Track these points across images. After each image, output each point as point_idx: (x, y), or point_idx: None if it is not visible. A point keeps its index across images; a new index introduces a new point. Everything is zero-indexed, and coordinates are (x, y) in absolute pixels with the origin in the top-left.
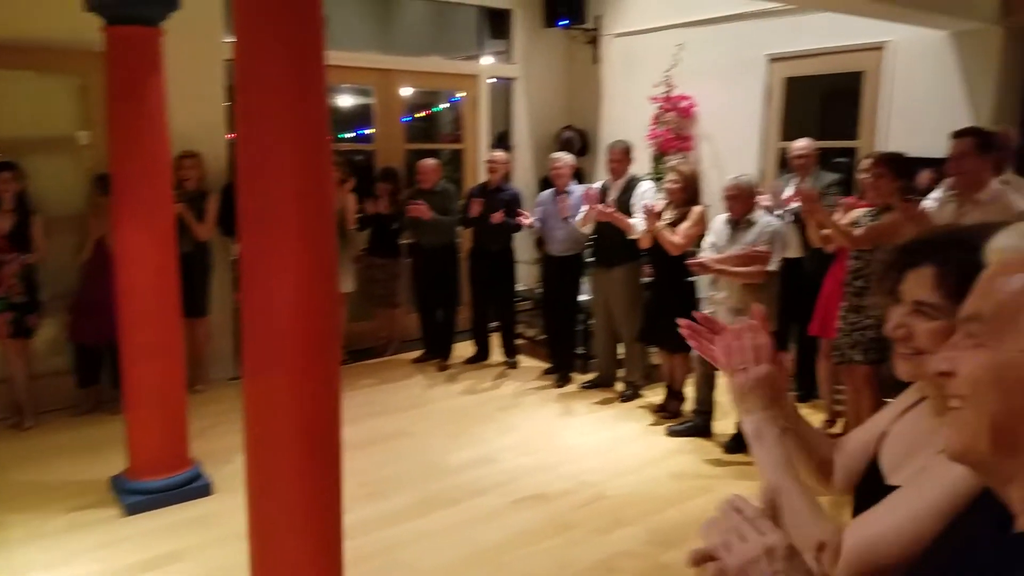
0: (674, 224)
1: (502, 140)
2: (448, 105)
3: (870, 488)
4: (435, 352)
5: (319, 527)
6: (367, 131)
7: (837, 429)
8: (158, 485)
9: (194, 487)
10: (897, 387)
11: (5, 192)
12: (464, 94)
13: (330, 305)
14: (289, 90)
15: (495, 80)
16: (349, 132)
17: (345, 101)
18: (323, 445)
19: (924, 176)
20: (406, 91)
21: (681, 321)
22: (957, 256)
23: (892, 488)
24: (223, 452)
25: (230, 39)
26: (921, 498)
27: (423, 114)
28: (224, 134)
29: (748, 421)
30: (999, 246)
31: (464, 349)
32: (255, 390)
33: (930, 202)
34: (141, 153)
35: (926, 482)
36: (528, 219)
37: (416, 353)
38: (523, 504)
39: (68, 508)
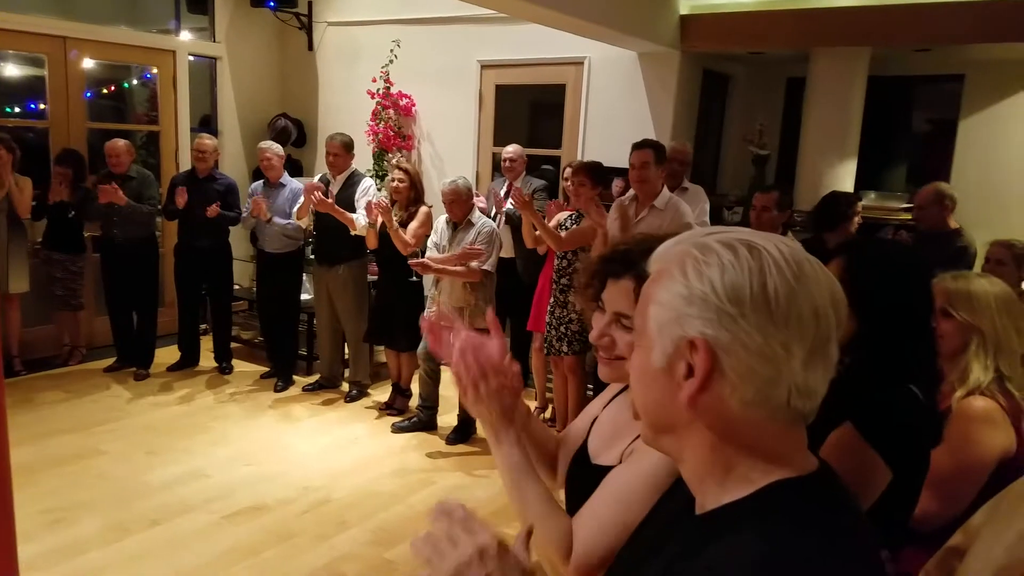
0: (403, 224)
1: (206, 124)
2: (140, 82)
3: (579, 468)
4: (131, 359)
5: None
6: (39, 106)
7: (548, 415)
8: None
9: None
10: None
11: None
12: (157, 71)
13: None
14: None
15: (195, 58)
16: (16, 107)
17: (11, 71)
18: None
19: (618, 184)
20: (88, 63)
21: (422, 321)
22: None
23: (598, 468)
24: None
25: None
26: (628, 484)
27: (109, 90)
28: None
29: (485, 427)
30: (654, 257)
31: (168, 355)
32: None
33: (613, 207)
34: None
35: (630, 467)
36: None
37: (108, 361)
38: (237, 518)
39: None
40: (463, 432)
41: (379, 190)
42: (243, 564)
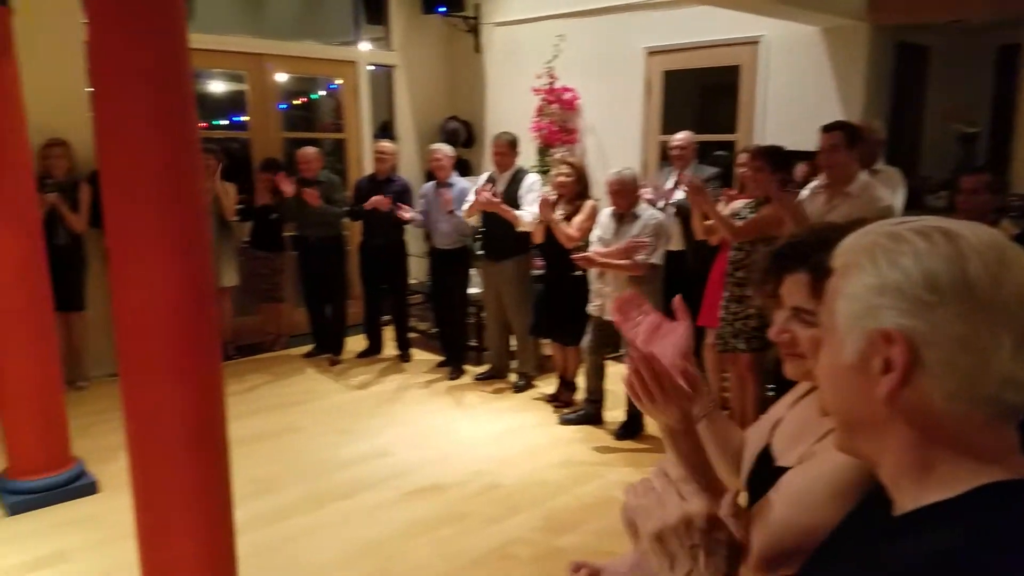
0: (567, 218)
1: (385, 130)
2: (326, 92)
3: (761, 470)
4: (325, 347)
5: (209, 524)
6: (241, 118)
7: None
8: (39, 484)
9: (77, 486)
10: (780, 374)
11: None
12: (342, 81)
13: (205, 298)
14: (147, 74)
15: (374, 67)
16: (222, 119)
17: (216, 87)
18: (208, 441)
19: (800, 169)
20: (281, 77)
21: (615, 298)
22: (825, 261)
23: (781, 470)
24: (107, 450)
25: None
26: (805, 486)
27: (300, 101)
28: (89, 120)
29: (659, 422)
30: (838, 251)
31: (356, 343)
32: (132, 388)
33: (805, 193)
34: None
35: (809, 469)
36: (408, 214)
37: (306, 348)
38: (416, 496)
39: None
40: (631, 428)
41: (543, 185)
42: (422, 539)
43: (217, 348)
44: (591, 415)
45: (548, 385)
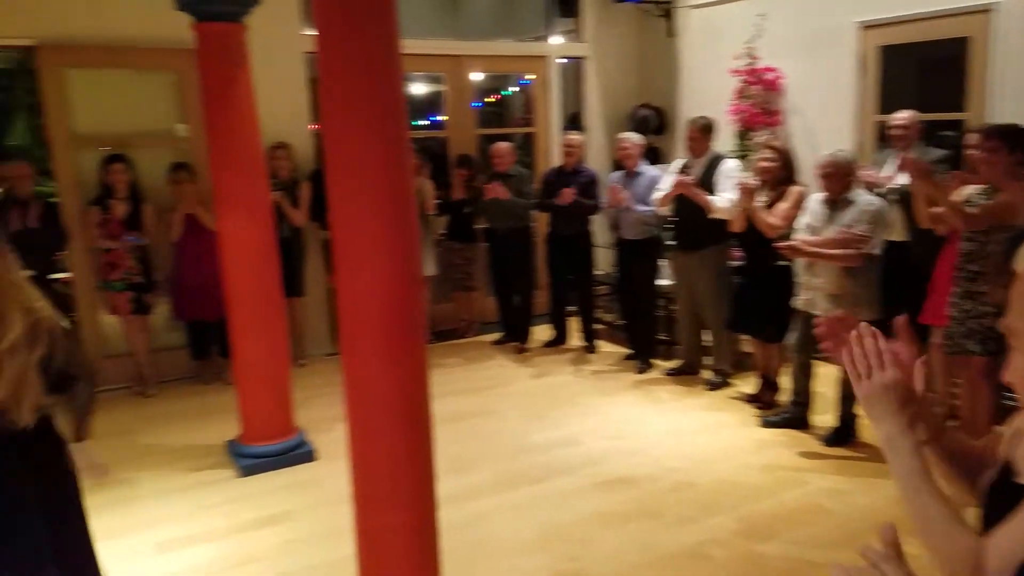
0: (770, 205)
1: (574, 121)
2: (518, 88)
3: (1001, 486)
4: (513, 335)
5: (415, 494)
6: (439, 118)
7: (953, 425)
8: (268, 450)
9: (299, 453)
10: None
11: (119, 182)
12: (534, 76)
13: (415, 285)
14: (368, 80)
15: (565, 60)
16: (421, 120)
17: (417, 89)
18: (415, 417)
19: None
20: (476, 76)
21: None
22: None
23: (1022, 487)
24: (324, 421)
25: (309, 32)
26: None
27: (493, 99)
28: (307, 125)
29: (878, 429)
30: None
31: (542, 333)
32: (351, 366)
33: None
34: (235, 145)
35: None
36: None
37: (495, 336)
38: (607, 486)
39: (190, 468)
40: (843, 434)
41: (743, 171)
42: (612, 530)
43: (423, 332)
44: (796, 418)
45: (745, 384)
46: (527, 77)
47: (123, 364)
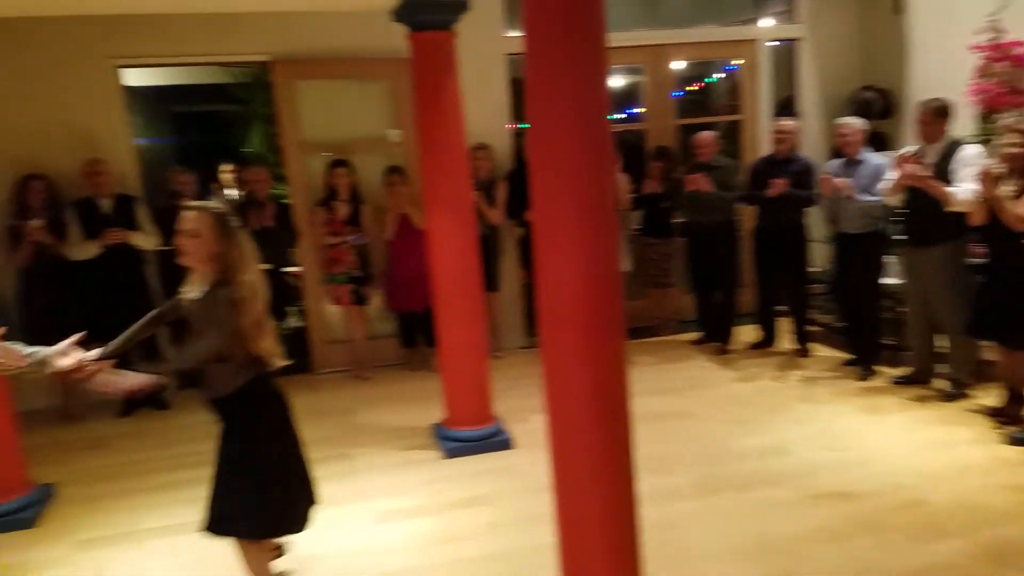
0: (1018, 195)
1: (786, 107)
2: (723, 75)
3: None
4: (714, 335)
5: (614, 487)
6: (636, 110)
7: None
8: (469, 435)
9: (497, 440)
10: None
11: (342, 185)
12: (741, 61)
13: (614, 281)
14: (575, 79)
15: (776, 43)
16: (618, 113)
17: (615, 82)
18: (613, 411)
19: None
20: (677, 65)
21: None
22: None
23: None
24: (520, 412)
25: (511, 34)
26: None
27: (695, 87)
28: (506, 125)
29: None
30: None
31: (747, 333)
32: (550, 359)
33: None
34: (443, 148)
35: None
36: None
37: (694, 335)
38: (822, 499)
39: (400, 447)
40: None
41: (987, 157)
42: (831, 546)
43: (621, 327)
44: None
45: (986, 396)
46: (734, 63)
47: (344, 350)
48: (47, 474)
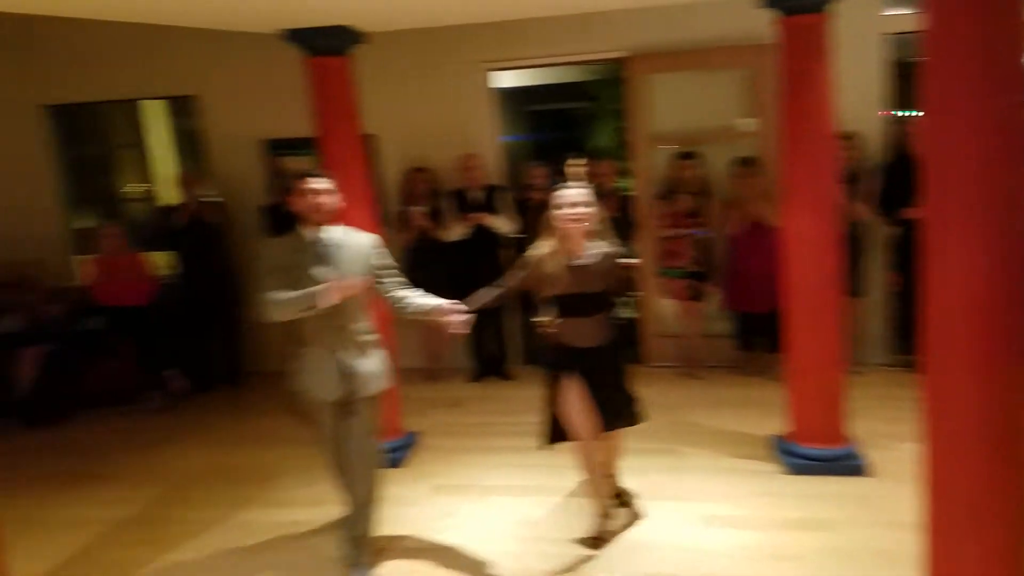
0: None
1: None
2: None
3: None
4: None
5: (1002, 536)
6: None
7: None
8: (816, 454)
9: (849, 464)
10: None
11: (689, 177)
12: None
13: (1014, 291)
14: (987, 58)
15: None
16: None
17: None
18: (1009, 446)
19: None
20: None
21: None
22: None
23: None
24: (879, 437)
25: (890, 12)
26: None
27: None
28: (879, 111)
29: None
30: None
31: None
32: (936, 382)
33: None
34: (809, 138)
35: None
36: None
37: None
38: None
39: (733, 454)
40: None
41: None
42: None
43: (1021, 347)
44: None
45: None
46: None
47: (676, 345)
48: (414, 424)
